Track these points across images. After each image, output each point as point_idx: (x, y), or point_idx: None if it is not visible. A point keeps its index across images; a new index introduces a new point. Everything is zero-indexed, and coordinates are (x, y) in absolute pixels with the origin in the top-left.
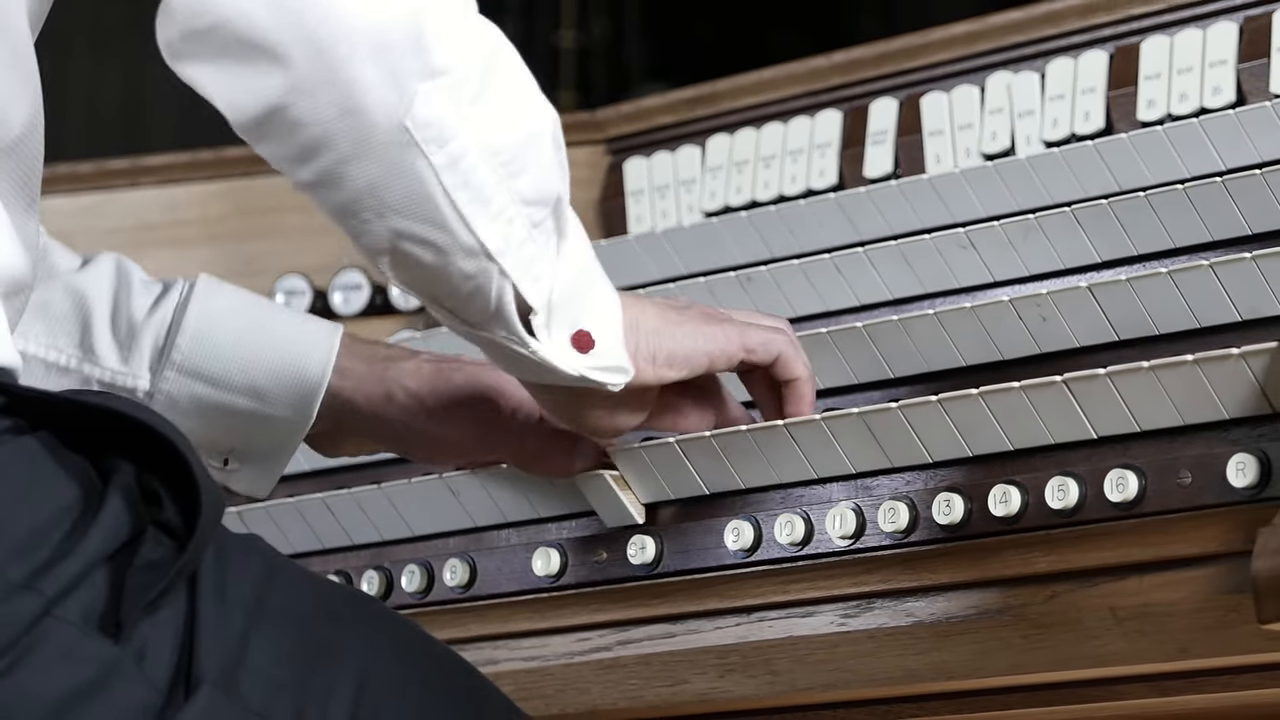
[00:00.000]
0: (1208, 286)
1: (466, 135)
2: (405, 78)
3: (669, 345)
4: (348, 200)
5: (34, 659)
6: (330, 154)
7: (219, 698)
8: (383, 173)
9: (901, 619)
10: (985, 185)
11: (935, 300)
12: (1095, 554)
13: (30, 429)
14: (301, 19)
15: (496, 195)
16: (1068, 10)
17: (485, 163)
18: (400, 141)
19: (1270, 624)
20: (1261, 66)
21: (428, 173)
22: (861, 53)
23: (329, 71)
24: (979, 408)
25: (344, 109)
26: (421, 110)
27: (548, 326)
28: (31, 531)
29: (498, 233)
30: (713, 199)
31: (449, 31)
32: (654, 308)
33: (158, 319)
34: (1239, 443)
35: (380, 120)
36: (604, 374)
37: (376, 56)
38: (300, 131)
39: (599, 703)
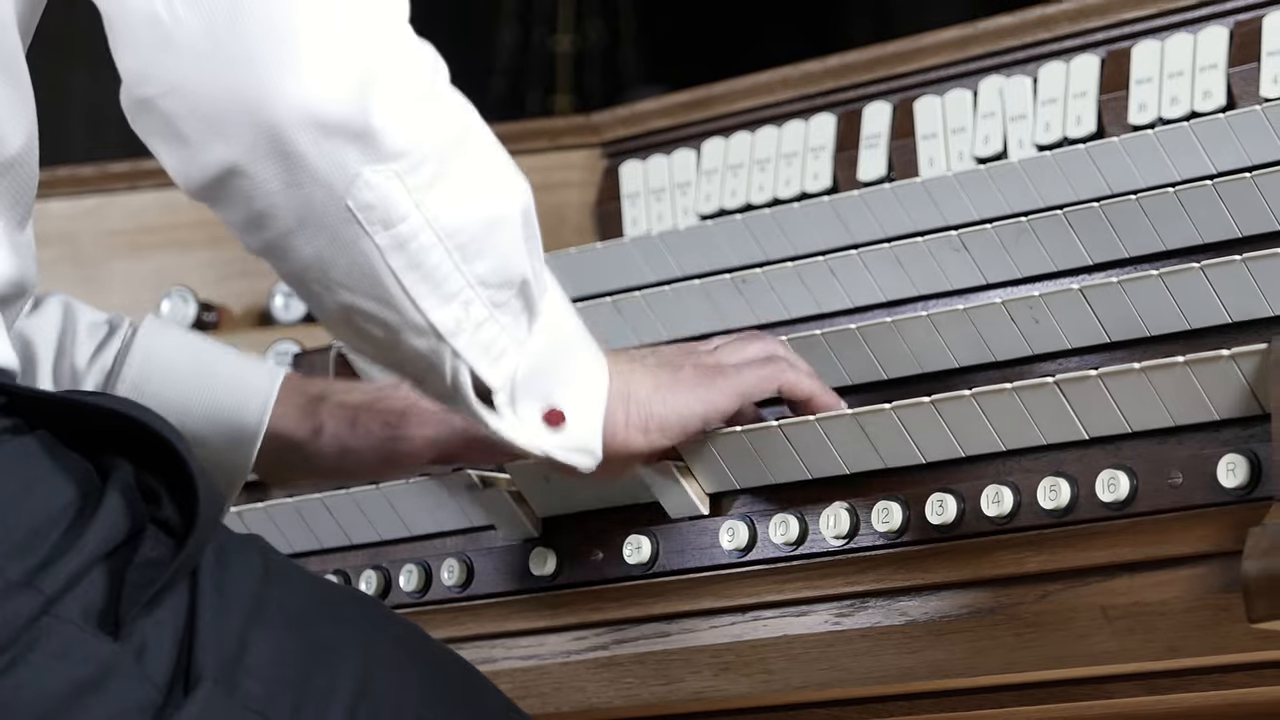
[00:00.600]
0: (1198, 288)
1: (418, 218)
2: (347, 161)
3: (661, 412)
4: (295, 271)
5: (33, 656)
6: (276, 226)
7: (218, 695)
8: (329, 248)
9: (895, 618)
10: (978, 188)
11: (928, 302)
12: (1087, 553)
13: (29, 428)
14: (244, 96)
15: (450, 278)
16: (1059, 15)
17: (439, 246)
18: (344, 220)
19: (1261, 623)
20: (1252, 71)
21: (373, 252)
22: (855, 57)
23: (271, 149)
24: (972, 408)
25: (287, 184)
26: (364, 193)
27: (512, 404)
28: (31, 530)
29: (450, 315)
30: (708, 202)
31: (401, 116)
32: (646, 374)
33: (99, 366)
34: (1229, 443)
35: (323, 198)
36: (570, 454)
37: (318, 139)
38: (245, 204)
39: (595, 701)
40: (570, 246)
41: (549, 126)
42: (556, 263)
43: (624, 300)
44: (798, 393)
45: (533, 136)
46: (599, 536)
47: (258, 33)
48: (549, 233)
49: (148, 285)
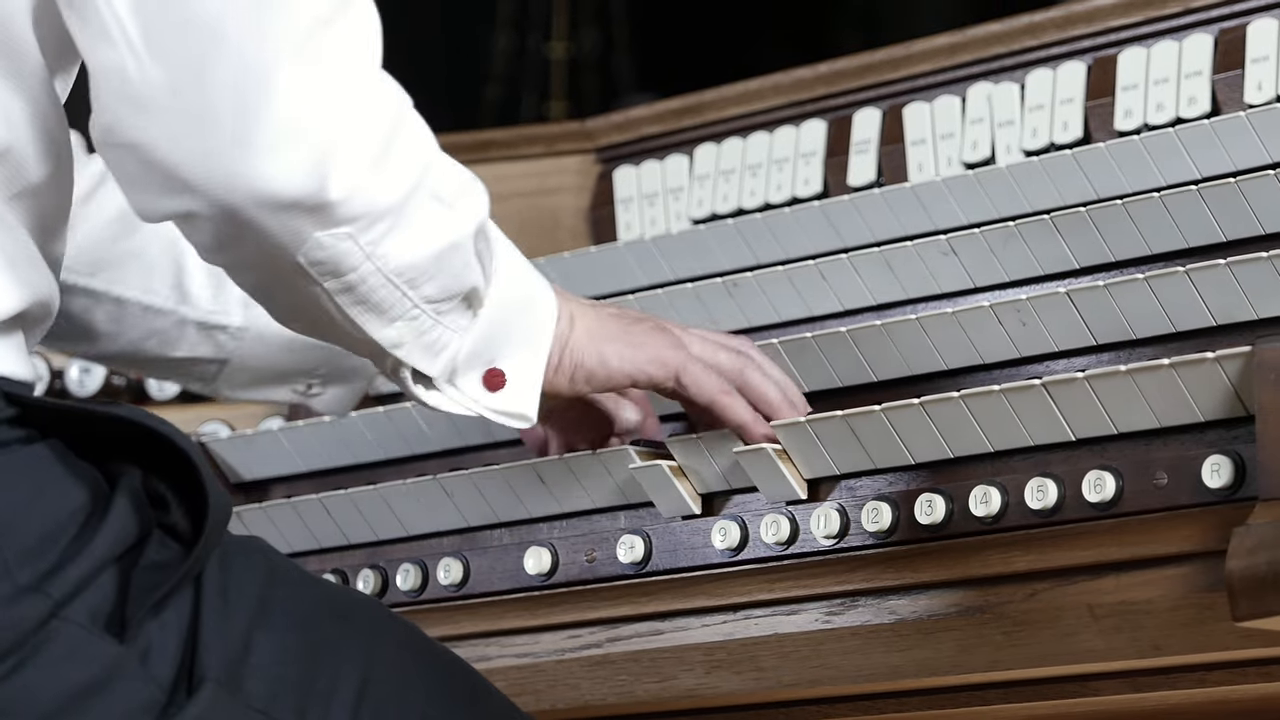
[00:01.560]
0: (1183, 292)
1: (368, 267)
2: (301, 229)
3: (590, 364)
4: (248, 287)
5: (41, 658)
6: (227, 259)
7: (222, 695)
8: (277, 286)
9: (884, 617)
10: (966, 193)
11: (917, 305)
12: (1073, 553)
13: (41, 437)
14: (204, 167)
15: (397, 305)
16: (1047, 23)
17: (386, 284)
18: (294, 270)
19: (1244, 621)
20: (1236, 77)
21: (321, 295)
22: (845, 64)
23: (226, 216)
24: (960, 410)
25: (238, 238)
26: (315, 253)
27: (452, 381)
28: (41, 535)
29: (394, 331)
30: (700, 207)
31: (357, 186)
32: (592, 322)
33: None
34: (1214, 444)
35: (274, 253)
36: (504, 418)
37: (274, 212)
38: (200, 236)
39: (589, 698)
40: (565, 250)
41: (544, 132)
42: (551, 266)
43: (618, 303)
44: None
45: (528, 142)
46: (591, 536)
47: (222, 108)
48: (544, 237)
49: None
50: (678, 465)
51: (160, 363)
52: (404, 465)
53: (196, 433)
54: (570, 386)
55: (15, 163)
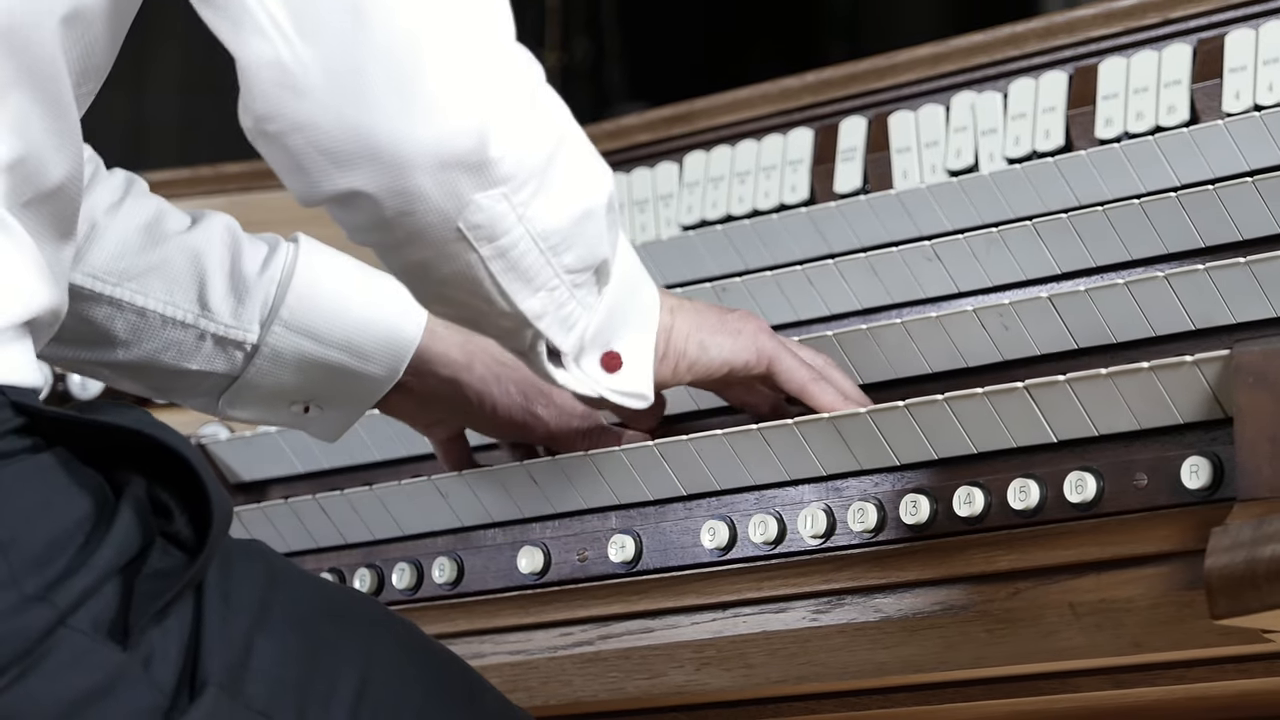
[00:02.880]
0: (1163, 297)
1: (520, 230)
2: (461, 190)
3: (693, 354)
4: (398, 268)
5: (44, 666)
6: (388, 237)
7: (223, 699)
8: (435, 257)
9: (870, 615)
10: (950, 200)
11: (902, 310)
12: (1055, 552)
13: (47, 446)
14: (366, 139)
15: (541, 272)
16: (1029, 33)
17: (534, 248)
18: (454, 238)
19: (1222, 619)
20: (1214, 87)
21: (477, 262)
22: (832, 74)
23: (391, 184)
24: (944, 412)
25: (403, 210)
26: (474, 216)
27: (577, 361)
28: (47, 545)
29: (538, 302)
30: (690, 213)
31: (513, 143)
32: (692, 314)
33: (268, 276)
34: (1193, 446)
35: (436, 222)
36: (623, 398)
37: (437, 174)
38: (359, 218)
39: (581, 694)
40: None
41: None
42: None
43: None
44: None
45: None
46: (583, 535)
47: (380, 77)
48: None
49: None
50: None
51: (172, 374)
52: (399, 466)
53: (196, 434)
54: (674, 375)
55: (30, 171)
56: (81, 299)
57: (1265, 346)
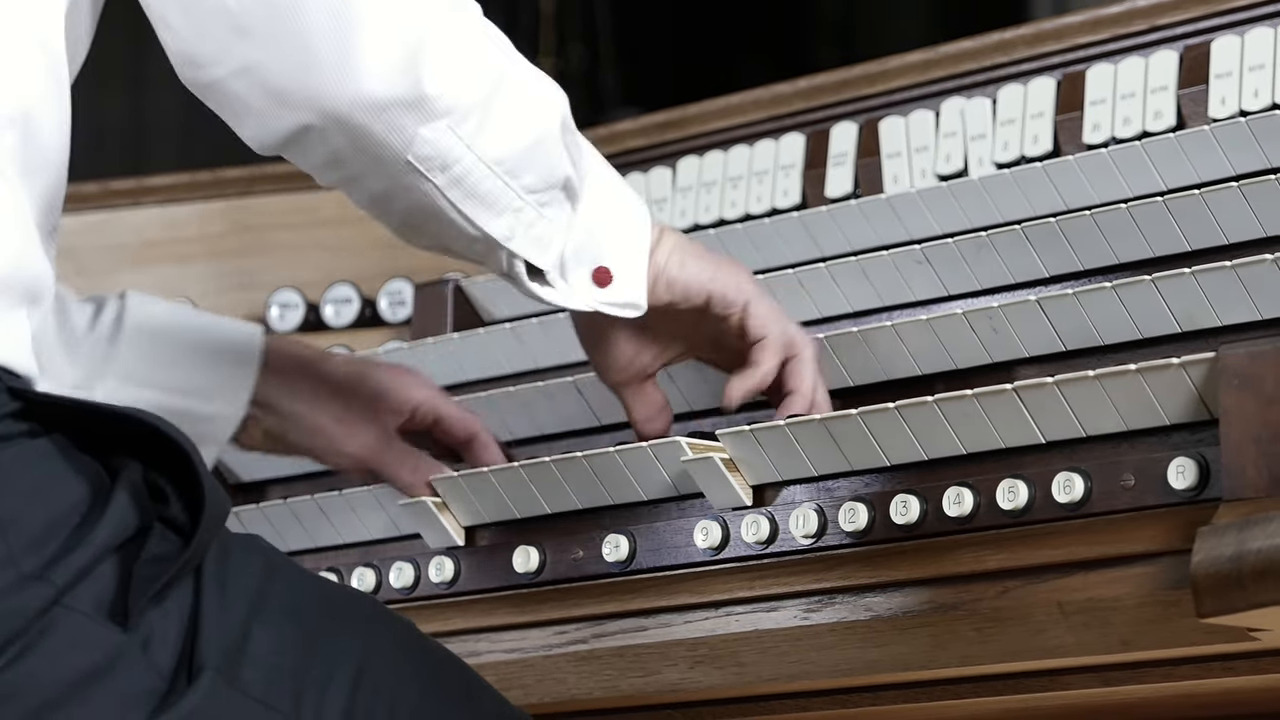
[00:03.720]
0: (1149, 300)
1: (471, 158)
2: (405, 126)
3: (673, 273)
4: (364, 200)
5: (45, 645)
6: (345, 170)
7: (220, 684)
8: (394, 188)
9: (861, 613)
10: (940, 204)
11: (893, 313)
12: (1044, 552)
13: (44, 432)
14: (307, 80)
15: (502, 196)
16: (1017, 40)
17: (489, 174)
18: (406, 170)
19: (1209, 618)
20: (1200, 92)
21: (434, 191)
22: (823, 79)
23: (336, 122)
24: (934, 414)
25: (352, 145)
26: (422, 148)
27: (563, 275)
28: (45, 525)
29: (504, 224)
30: (683, 217)
31: (449, 75)
32: (678, 239)
33: (98, 334)
34: (1179, 447)
35: (386, 155)
36: (617, 309)
37: (378, 113)
38: (316, 155)
39: (576, 692)
40: None
41: None
42: None
43: None
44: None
45: None
46: (578, 535)
47: (317, 18)
48: None
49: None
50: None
51: None
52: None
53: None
54: (653, 291)
55: (32, 132)
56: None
57: (1250, 349)
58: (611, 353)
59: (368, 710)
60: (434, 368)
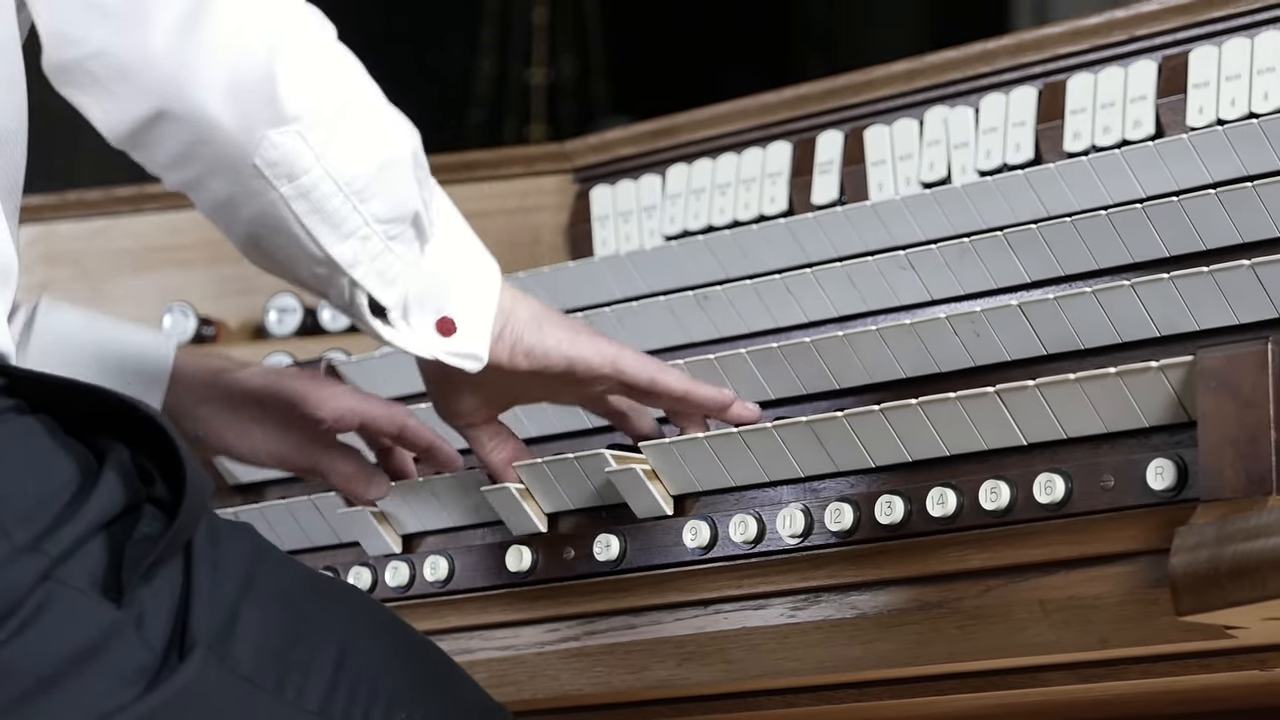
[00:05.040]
0: (1129, 305)
1: (318, 170)
2: (255, 124)
3: (530, 340)
4: (208, 206)
5: (42, 621)
6: (192, 169)
7: (211, 660)
8: (239, 193)
9: (846, 611)
10: (924, 211)
11: (877, 317)
12: (1025, 551)
13: (31, 410)
14: (162, 64)
15: (349, 219)
16: (999, 50)
17: (337, 193)
18: (252, 174)
19: (1187, 616)
20: (1179, 102)
21: (279, 201)
22: (809, 89)
23: (187, 110)
24: (918, 416)
25: (201, 140)
26: (270, 153)
27: (405, 318)
28: (36, 500)
29: (349, 250)
30: (672, 224)
31: (302, 80)
32: (533, 303)
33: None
34: (1158, 449)
35: (232, 155)
36: (458, 359)
37: (229, 106)
38: (164, 149)
39: (567, 689)
40: (544, 265)
41: (524, 154)
42: (531, 281)
43: (594, 316)
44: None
45: (509, 163)
46: (570, 535)
47: (176, 5)
48: (524, 252)
49: (150, 301)
50: (651, 468)
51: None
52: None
53: None
54: (510, 358)
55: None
56: None
57: (1227, 352)
58: (458, 400)
59: (349, 690)
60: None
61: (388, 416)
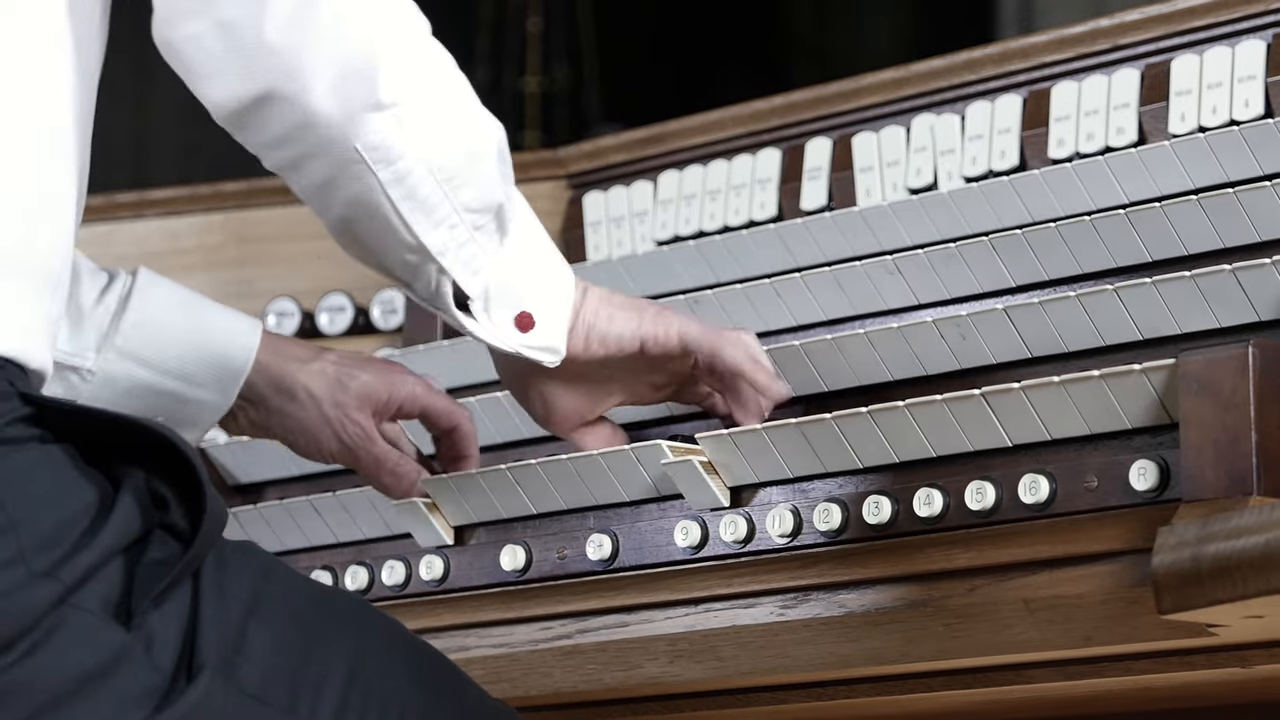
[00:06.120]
0: (1112, 308)
1: (413, 156)
2: (356, 109)
3: (601, 327)
4: (307, 188)
5: (54, 642)
6: (294, 150)
7: (218, 681)
8: (337, 175)
9: (835, 610)
10: (911, 217)
11: (865, 321)
12: (1010, 551)
13: (55, 439)
14: (275, 45)
15: (440, 206)
16: (985, 59)
17: (430, 179)
18: (352, 158)
19: (1168, 614)
20: (1161, 109)
21: (375, 185)
22: (798, 97)
23: (292, 94)
24: (905, 418)
25: (304, 124)
26: (370, 137)
27: (486, 310)
28: (55, 527)
29: (439, 237)
30: (664, 229)
31: (401, 67)
32: (604, 294)
33: (104, 306)
34: (1140, 450)
35: (335, 138)
36: (537, 352)
37: (333, 90)
38: (269, 130)
39: (560, 685)
40: None
41: (519, 160)
42: None
43: None
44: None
45: None
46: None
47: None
48: None
49: None
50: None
51: None
52: None
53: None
54: (585, 348)
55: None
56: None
57: (1208, 355)
58: (552, 406)
59: (361, 705)
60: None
61: (447, 412)
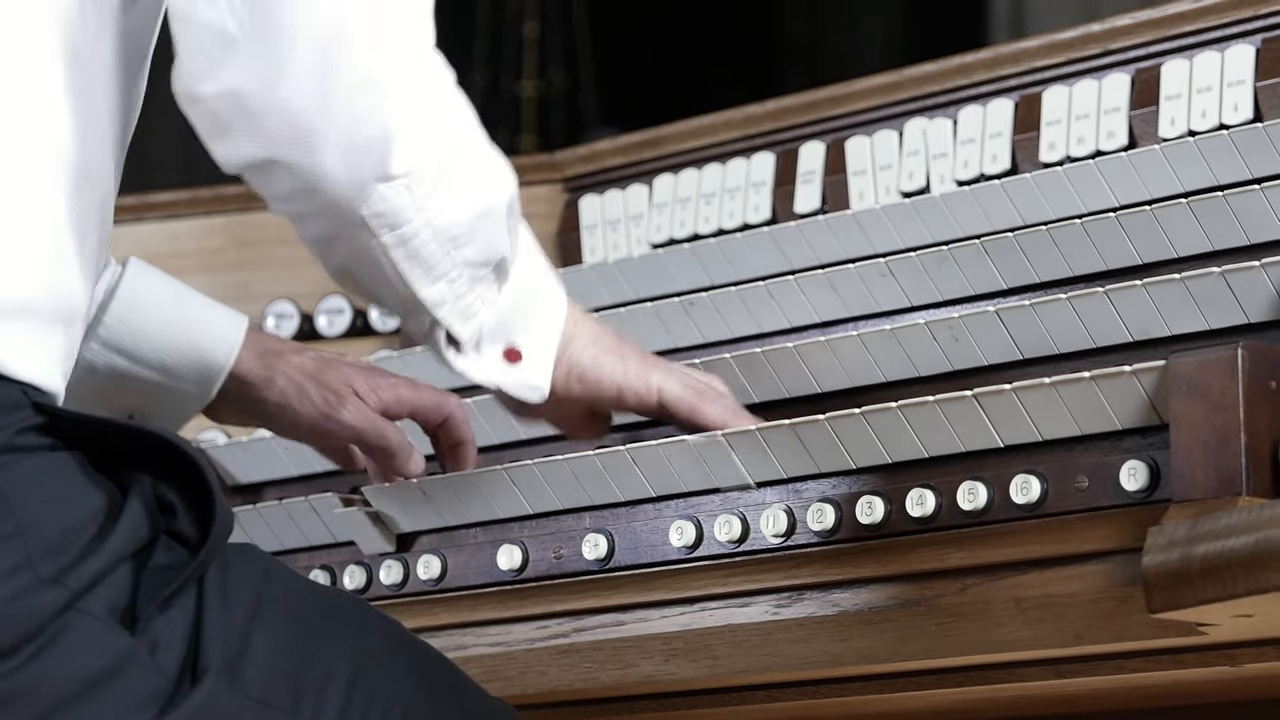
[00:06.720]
0: (1103, 311)
1: (420, 220)
2: (367, 180)
3: (585, 366)
4: (309, 240)
5: (60, 645)
6: (298, 207)
7: (222, 685)
8: (339, 235)
9: (828, 609)
10: (903, 220)
11: (858, 323)
12: (1002, 550)
13: (65, 446)
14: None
15: (440, 263)
16: (977, 63)
17: (434, 240)
18: (357, 223)
19: (1159, 613)
20: (1151, 113)
21: (377, 248)
22: (792, 101)
23: (303, 157)
24: (897, 419)
25: (311, 185)
26: (377, 204)
27: (477, 349)
28: (62, 533)
29: (436, 291)
30: (659, 232)
31: (416, 140)
32: (595, 333)
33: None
34: (1131, 451)
35: (341, 205)
36: (521, 389)
37: (343, 160)
38: (275, 186)
39: (557, 684)
40: None
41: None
42: None
43: None
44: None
45: None
46: (560, 535)
47: (307, 57)
48: None
49: None
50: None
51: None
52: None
53: (195, 440)
54: (564, 383)
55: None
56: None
57: (1198, 357)
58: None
59: (364, 706)
60: (422, 376)
61: (435, 405)
